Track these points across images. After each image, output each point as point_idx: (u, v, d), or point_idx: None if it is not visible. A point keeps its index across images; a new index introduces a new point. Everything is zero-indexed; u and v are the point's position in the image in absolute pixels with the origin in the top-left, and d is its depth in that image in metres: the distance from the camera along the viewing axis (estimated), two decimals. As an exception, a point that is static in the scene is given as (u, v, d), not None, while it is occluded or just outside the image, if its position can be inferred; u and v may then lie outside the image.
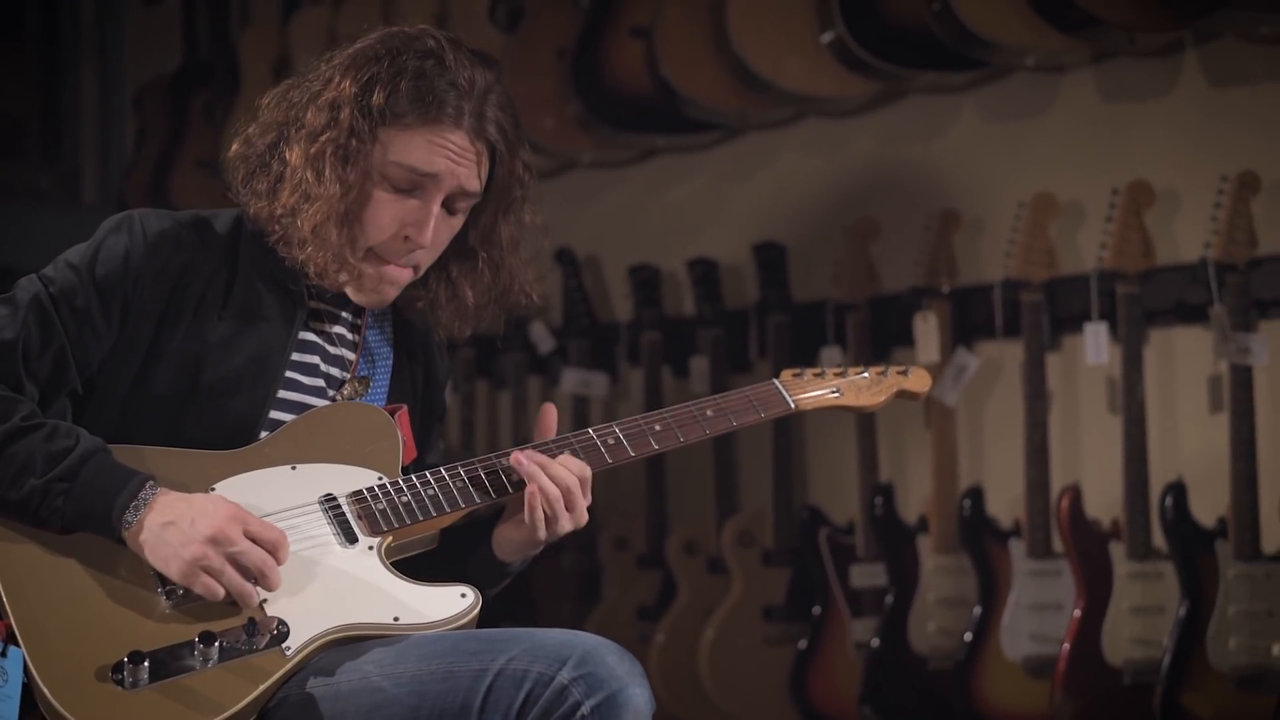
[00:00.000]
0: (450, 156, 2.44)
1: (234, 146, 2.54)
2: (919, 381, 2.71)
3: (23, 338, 2.35)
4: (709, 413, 2.56)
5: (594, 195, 5.34)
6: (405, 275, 2.50)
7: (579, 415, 5.30)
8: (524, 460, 2.42)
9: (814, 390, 2.64)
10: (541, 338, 5.49)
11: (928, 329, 4.41)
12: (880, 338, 4.64)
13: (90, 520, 2.27)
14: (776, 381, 2.63)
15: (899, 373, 2.71)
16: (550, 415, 2.53)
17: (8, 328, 2.35)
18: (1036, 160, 4.46)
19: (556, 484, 2.41)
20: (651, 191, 5.39)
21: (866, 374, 2.69)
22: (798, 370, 2.67)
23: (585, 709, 2.16)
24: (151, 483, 2.28)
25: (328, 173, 2.41)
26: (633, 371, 5.35)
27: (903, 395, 2.70)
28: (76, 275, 2.39)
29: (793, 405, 2.61)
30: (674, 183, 5.34)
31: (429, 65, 2.45)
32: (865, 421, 4.58)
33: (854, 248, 4.66)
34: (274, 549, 2.28)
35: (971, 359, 4.44)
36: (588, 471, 2.45)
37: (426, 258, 2.50)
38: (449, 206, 2.48)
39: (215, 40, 6.71)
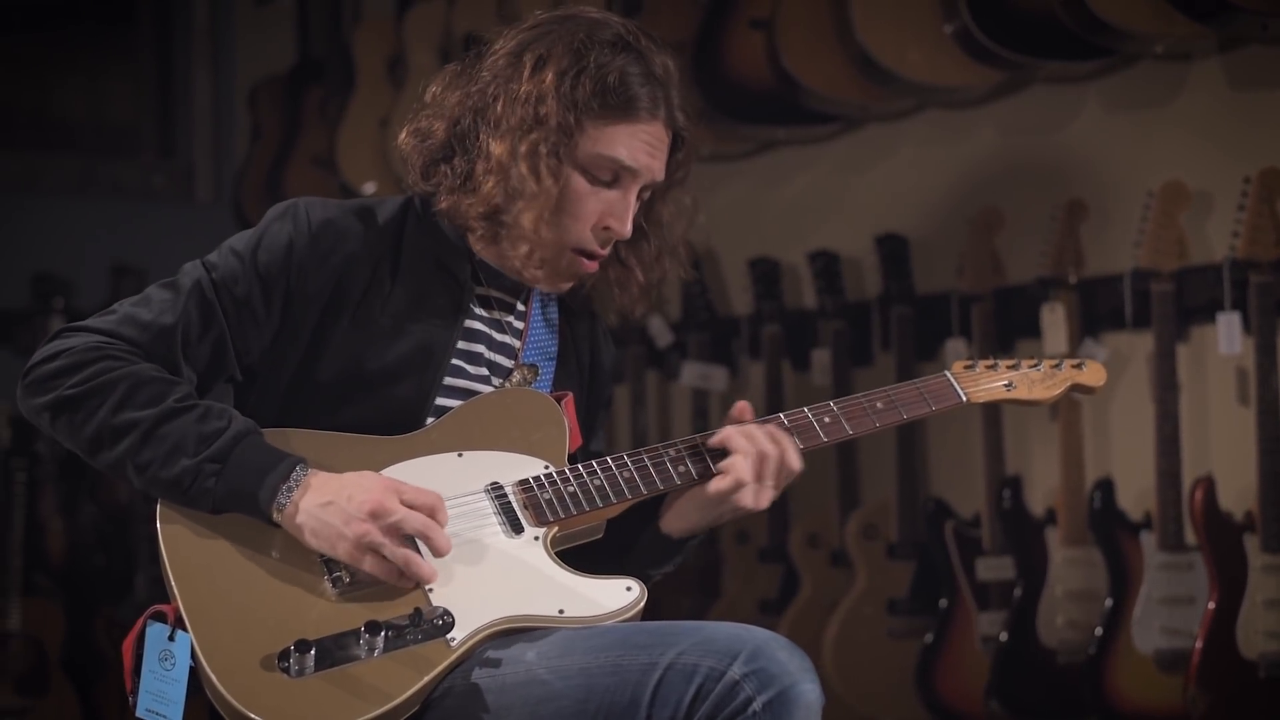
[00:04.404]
0: (648, 150, 2.46)
1: (403, 135, 2.54)
2: (1094, 375, 2.67)
3: (183, 323, 2.37)
4: (879, 405, 2.54)
5: (713, 188, 5.33)
6: (594, 266, 2.52)
7: (698, 409, 5.29)
8: (731, 431, 2.44)
9: (986, 383, 2.62)
10: (660, 332, 5.48)
11: (1055, 320, 4.37)
12: (1006, 329, 4.60)
13: (241, 500, 2.28)
14: (948, 373, 2.61)
15: (1073, 366, 2.66)
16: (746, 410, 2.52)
17: (168, 312, 2.37)
18: (1164, 149, 4.41)
19: (754, 445, 2.43)
20: (771, 184, 5.38)
21: (1040, 366, 2.65)
22: (969, 361, 2.65)
23: (757, 704, 2.15)
24: (303, 464, 2.30)
25: (543, 169, 2.42)
26: (753, 365, 5.33)
27: (1077, 389, 2.66)
28: (240, 262, 2.41)
29: (964, 398, 2.59)
30: (793, 175, 5.32)
31: (628, 59, 2.46)
32: (991, 413, 4.55)
33: (978, 239, 4.63)
34: (432, 512, 2.29)
35: (1099, 350, 4.40)
36: (792, 451, 2.46)
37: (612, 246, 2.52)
38: (638, 194, 2.50)
39: (329, 37, 6.75)
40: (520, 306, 2.60)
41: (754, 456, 2.42)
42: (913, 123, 4.98)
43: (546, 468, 2.43)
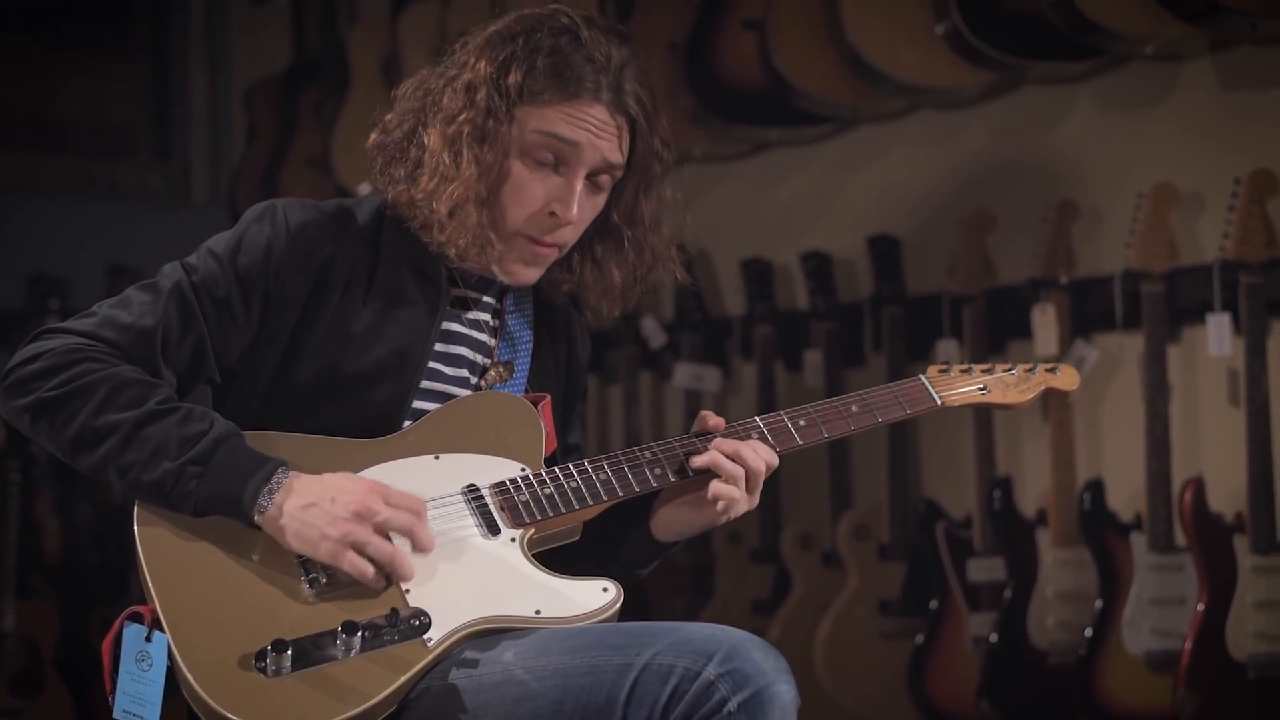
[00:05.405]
0: (591, 129, 2.44)
1: (372, 135, 2.55)
2: (1067, 380, 2.69)
3: (163, 325, 2.37)
4: (854, 408, 2.54)
5: (706, 189, 5.33)
6: (551, 254, 2.51)
7: (691, 410, 5.28)
8: (716, 456, 2.43)
9: (961, 387, 2.63)
10: (653, 332, 5.48)
11: (1046, 321, 4.37)
12: (997, 330, 4.60)
13: (223, 503, 2.28)
14: (923, 378, 2.62)
15: (1047, 370, 2.68)
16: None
17: (149, 314, 2.37)
18: (1155, 150, 4.40)
19: (743, 466, 2.43)
20: (763, 185, 5.38)
21: (1014, 371, 2.67)
22: (944, 365, 2.66)
23: (732, 705, 2.15)
24: (284, 467, 2.30)
25: (465, 154, 2.42)
26: (745, 366, 5.33)
27: (1051, 393, 2.68)
28: (219, 265, 2.41)
29: (939, 402, 2.59)
30: (786, 176, 5.32)
31: (564, 41, 2.45)
32: (982, 415, 4.54)
33: (970, 239, 4.62)
34: (415, 514, 2.29)
35: (1090, 351, 4.40)
36: (775, 460, 2.46)
37: (571, 234, 2.50)
38: (592, 182, 2.48)
39: (324, 38, 6.74)
40: (496, 305, 2.60)
41: (743, 480, 2.43)
42: (904, 123, 4.98)
43: (523, 470, 2.43)
